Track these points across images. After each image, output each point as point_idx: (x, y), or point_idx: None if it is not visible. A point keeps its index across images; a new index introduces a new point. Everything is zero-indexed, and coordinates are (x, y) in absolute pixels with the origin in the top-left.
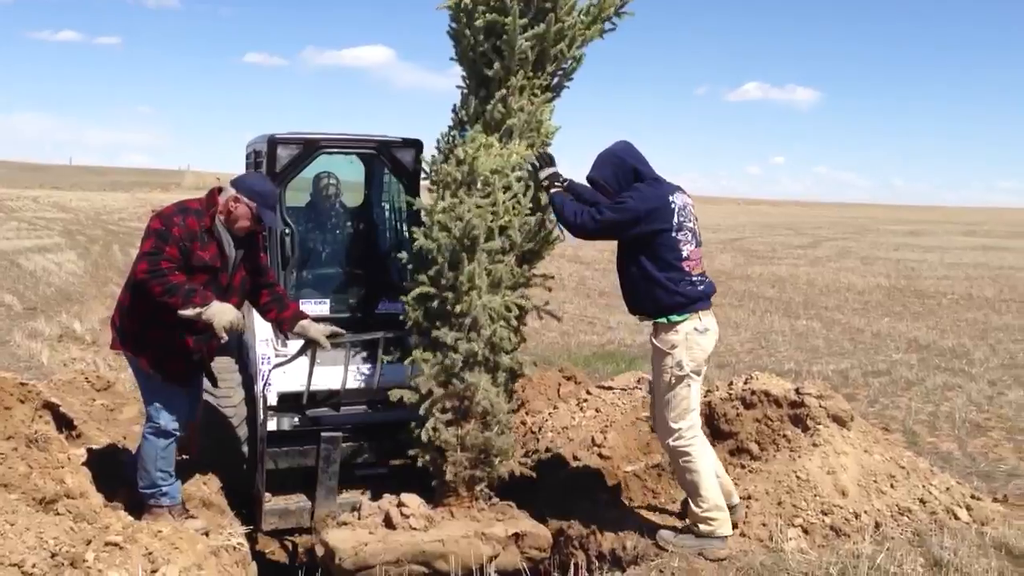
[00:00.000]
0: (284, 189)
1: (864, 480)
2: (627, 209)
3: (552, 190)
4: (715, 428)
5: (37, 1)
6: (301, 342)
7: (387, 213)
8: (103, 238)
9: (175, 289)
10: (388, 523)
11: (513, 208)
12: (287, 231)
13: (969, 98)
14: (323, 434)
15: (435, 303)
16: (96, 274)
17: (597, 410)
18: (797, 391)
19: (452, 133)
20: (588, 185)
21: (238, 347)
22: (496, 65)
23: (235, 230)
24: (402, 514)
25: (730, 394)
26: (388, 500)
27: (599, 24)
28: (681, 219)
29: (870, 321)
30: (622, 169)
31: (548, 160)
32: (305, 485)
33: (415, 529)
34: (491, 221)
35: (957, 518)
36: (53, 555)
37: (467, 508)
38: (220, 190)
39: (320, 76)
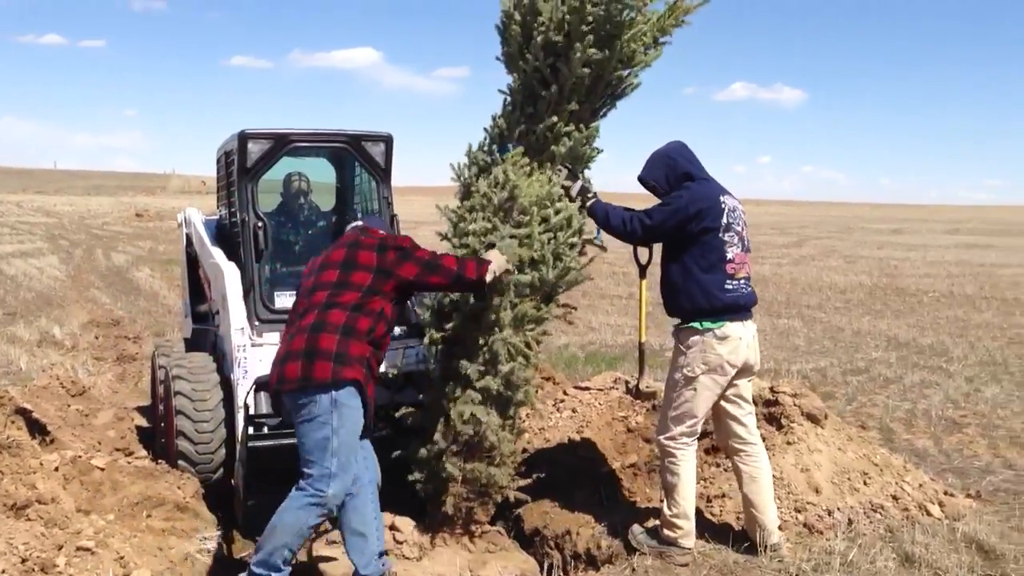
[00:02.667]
0: (256, 185)
1: (838, 477)
2: (678, 209)
3: (588, 203)
4: None
5: (22, 5)
6: (277, 333)
7: (359, 211)
8: (86, 242)
9: (462, 263)
10: None
11: (549, 242)
12: (259, 225)
13: (956, 97)
14: None
15: (449, 325)
16: (78, 278)
17: (573, 411)
18: (772, 390)
19: (492, 146)
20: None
21: (214, 345)
22: (552, 88)
23: None
24: (395, 539)
25: None
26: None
27: (658, 48)
28: (730, 220)
29: (851, 320)
30: (674, 171)
31: (572, 175)
32: (284, 483)
33: (408, 558)
34: (524, 253)
35: (930, 514)
36: (23, 560)
37: (459, 535)
38: None
39: (306, 79)
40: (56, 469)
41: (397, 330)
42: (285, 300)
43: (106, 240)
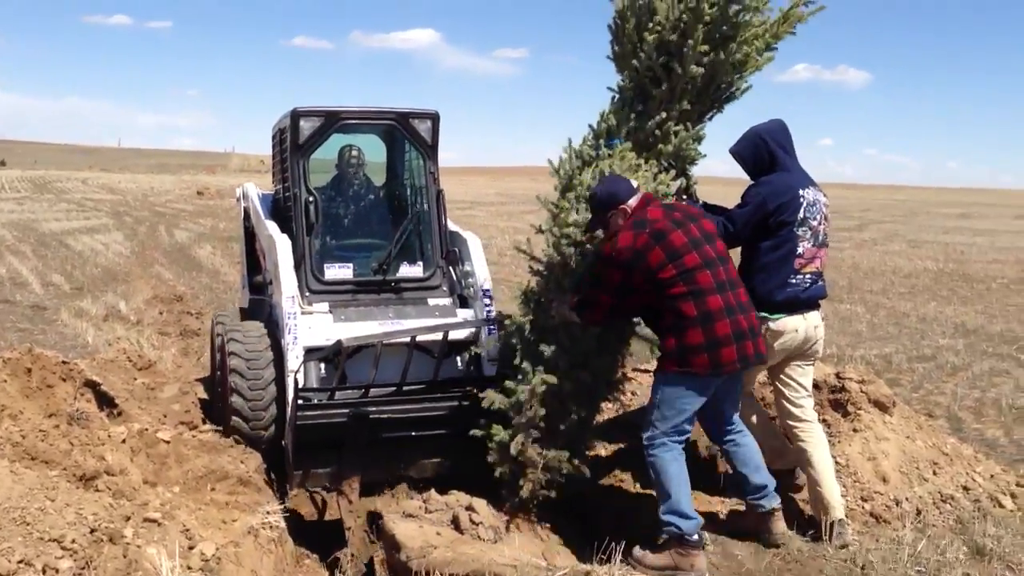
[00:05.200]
0: (307, 161)
1: (906, 466)
2: (757, 206)
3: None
4: None
5: None
6: (326, 303)
7: (407, 186)
8: (150, 219)
9: None
10: (456, 525)
11: None
12: (310, 199)
13: None
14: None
15: (538, 314)
16: (142, 255)
17: (633, 393)
18: (838, 375)
19: (598, 141)
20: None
21: (268, 315)
22: (664, 86)
23: None
24: (471, 520)
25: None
26: (457, 500)
27: (771, 53)
28: (807, 215)
29: (916, 305)
30: (759, 151)
31: (676, 174)
32: (332, 447)
33: (483, 540)
34: None
35: (1001, 506)
36: (92, 531)
37: (531, 524)
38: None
39: (366, 60)
40: (123, 441)
41: (446, 300)
42: (335, 272)
43: (168, 217)
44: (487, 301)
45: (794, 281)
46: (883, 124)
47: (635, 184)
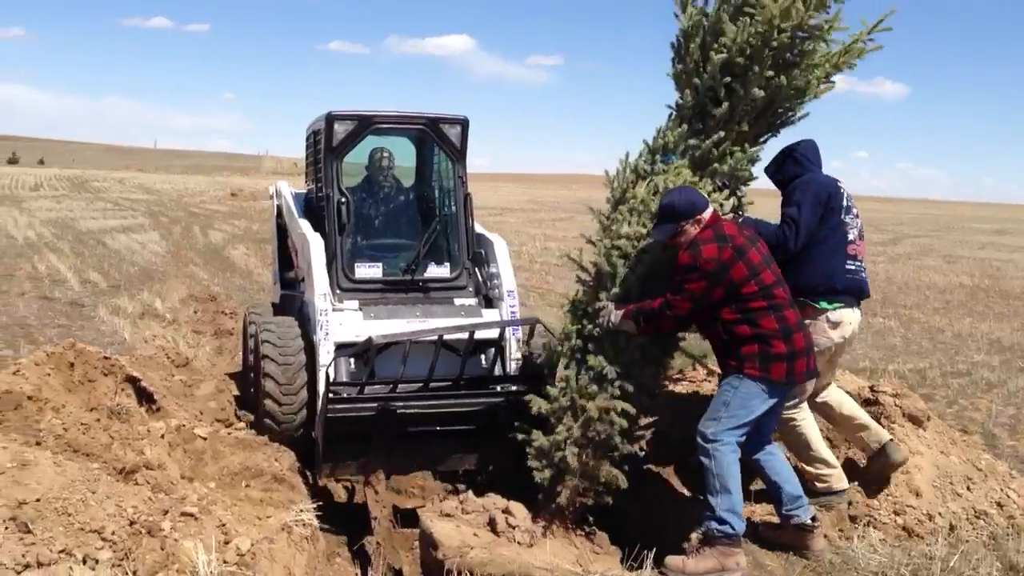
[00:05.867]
0: (340, 163)
1: (939, 481)
2: (814, 196)
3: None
4: None
5: None
6: (356, 301)
7: (436, 189)
8: (184, 220)
9: None
10: (492, 527)
11: None
12: (342, 200)
13: None
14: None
15: (590, 327)
16: (177, 254)
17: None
18: (872, 388)
19: (654, 156)
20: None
21: (299, 310)
22: (724, 106)
23: None
24: (508, 523)
25: None
26: (494, 503)
27: (830, 83)
28: (849, 204)
29: (951, 320)
30: (791, 164)
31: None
32: (359, 438)
33: (519, 543)
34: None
35: None
36: (132, 523)
37: (566, 530)
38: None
39: (401, 65)
40: (162, 436)
41: (472, 300)
42: (364, 271)
43: (203, 218)
44: (512, 302)
45: (852, 267)
46: (919, 138)
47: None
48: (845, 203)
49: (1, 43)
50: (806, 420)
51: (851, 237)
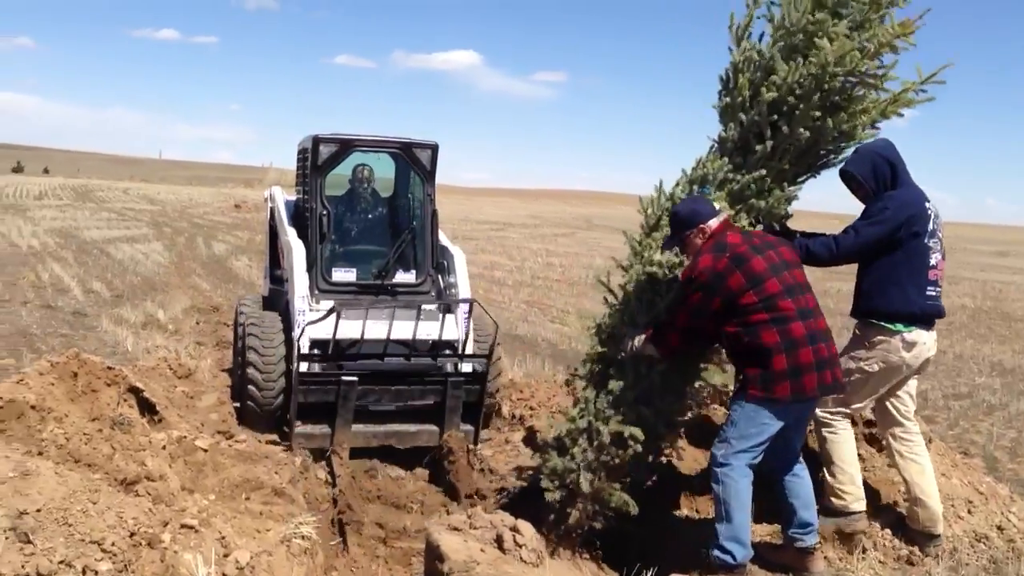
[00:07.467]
0: (324, 179)
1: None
2: (887, 220)
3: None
4: None
5: (141, 1)
6: (332, 302)
7: (408, 204)
8: (188, 231)
9: None
10: (499, 544)
11: None
12: (324, 213)
13: None
14: (342, 378)
15: (609, 348)
16: (181, 265)
17: None
18: (873, 410)
19: (692, 186)
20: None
21: (285, 304)
22: (768, 143)
23: None
24: (515, 541)
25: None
26: (502, 520)
27: (877, 128)
28: (934, 227)
29: (953, 343)
30: (880, 168)
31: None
32: (326, 415)
33: (525, 562)
34: None
35: None
36: (132, 534)
37: (573, 552)
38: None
39: (406, 79)
40: (163, 448)
41: (433, 305)
42: (340, 274)
43: (207, 229)
44: (465, 308)
45: (932, 293)
46: (922, 159)
47: (717, 207)
48: (931, 226)
49: (8, 52)
50: (845, 431)
51: (932, 261)
